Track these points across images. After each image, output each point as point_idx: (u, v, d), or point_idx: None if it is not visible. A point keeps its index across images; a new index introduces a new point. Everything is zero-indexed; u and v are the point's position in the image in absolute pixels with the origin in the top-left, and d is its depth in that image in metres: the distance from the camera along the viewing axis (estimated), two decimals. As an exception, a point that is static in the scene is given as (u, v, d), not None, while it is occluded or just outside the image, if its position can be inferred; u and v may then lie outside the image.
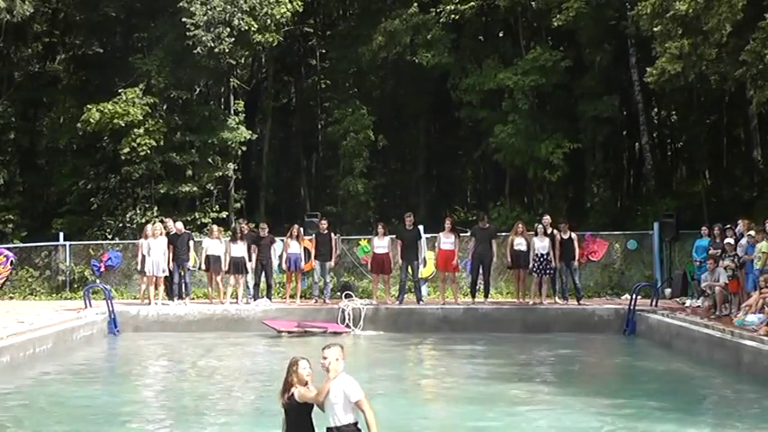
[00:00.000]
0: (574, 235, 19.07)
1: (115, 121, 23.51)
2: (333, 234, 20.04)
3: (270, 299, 19.45)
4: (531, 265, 18.69)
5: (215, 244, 19.36)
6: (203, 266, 19.73)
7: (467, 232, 20.07)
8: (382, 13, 26.45)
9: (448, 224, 19.19)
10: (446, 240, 18.90)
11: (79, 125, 24.16)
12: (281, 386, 6.57)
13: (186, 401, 11.87)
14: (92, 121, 23.58)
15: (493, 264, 19.06)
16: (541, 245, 18.59)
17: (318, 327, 17.67)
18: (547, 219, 19.22)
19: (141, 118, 23.74)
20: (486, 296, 19.08)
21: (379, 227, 19.53)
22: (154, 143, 23.81)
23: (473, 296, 19.28)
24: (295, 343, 16.50)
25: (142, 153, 23.78)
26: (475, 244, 19.07)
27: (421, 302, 19.18)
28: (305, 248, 19.89)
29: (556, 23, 23.03)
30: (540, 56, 23.50)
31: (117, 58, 25.97)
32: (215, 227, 20.33)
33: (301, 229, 20.43)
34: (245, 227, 20.79)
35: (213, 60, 24.03)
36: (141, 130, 23.75)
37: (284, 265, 19.61)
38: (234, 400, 11.94)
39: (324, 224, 19.98)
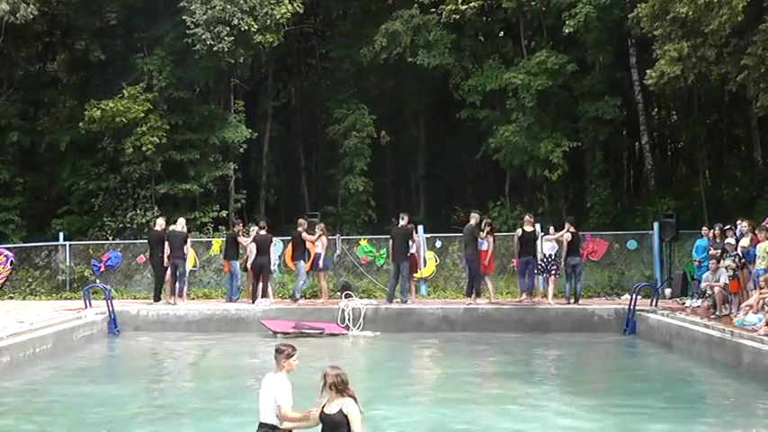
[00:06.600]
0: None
1: (117, 119, 23.54)
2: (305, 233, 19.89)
3: (269, 299, 19.42)
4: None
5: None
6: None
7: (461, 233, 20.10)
8: (382, 14, 26.47)
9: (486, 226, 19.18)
10: (480, 242, 18.88)
11: (81, 124, 24.21)
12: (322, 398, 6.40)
13: (185, 401, 11.88)
14: (95, 117, 23.62)
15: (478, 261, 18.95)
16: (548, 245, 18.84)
17: (315, 328, 17.63)
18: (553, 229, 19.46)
19: (143, 115, 23.77)
20: (468, 295, 18.92)
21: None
22: (157, 140, 23.82)
23: (468, 295, 19.21)
24: (294, 343, 16.45)
25: (147, 152, 23.78)
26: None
27: (407, 302, 19.06)
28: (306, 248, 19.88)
29: (567, 30, 23.00)
30: (547, 59, 23.52)
31: (117, 58, 25.96)
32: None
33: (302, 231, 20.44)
34: (240, 227, 20.87)
35: (213, 60, 24.04)
36: (145, 128, 23.76)
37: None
38: (232, 399, 11.92)
39: (303, 224, 19.92)
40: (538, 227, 19.79)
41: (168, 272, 19.35)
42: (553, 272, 18.72)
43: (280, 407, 6.52)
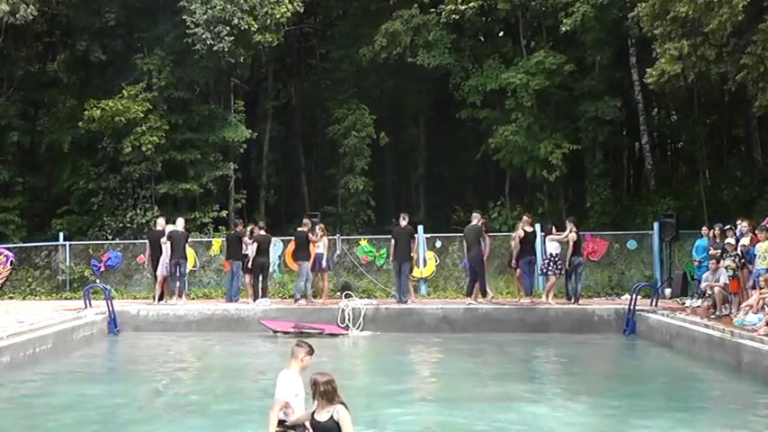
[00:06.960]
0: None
1: (116, 119, 23.55)
2: (311, 234, 19.84)
3: (268, 299, 19.40)
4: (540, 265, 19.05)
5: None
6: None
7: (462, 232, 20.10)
8: (382, 14, 26.50)
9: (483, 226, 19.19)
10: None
11: (81, 123, 24.23)
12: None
13: (185, 401, 11.88)
14: (94, 117, 23.63)
15: (483, 262, 18.95)
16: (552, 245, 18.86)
17: (315, 328, 17.63)
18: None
19: (143, 115, 23.78)
20: (468, 294, 18.91)
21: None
22: (157, 140, 23.83)
23: (468, 295, 19.20)
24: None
25: (146, 151, 23.78)
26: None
27: (407, 302, 19.03)
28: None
29: (564, 28, 23.04)
30: (545, 59, 23.55)
31: (117, 58, 25.98)
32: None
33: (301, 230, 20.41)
34: (241, 227, 20.85)
35: (213, 59, 24.05)
36: (144, 128, 23.77)
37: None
38: (232, 399, 11.92)
39: (307, 224, 19.91)
40: (538, 227, 19.83)
41: (162, 271, 19.32)
42: (558, 272, 18.72)
43: (276, 400, 6.55)
